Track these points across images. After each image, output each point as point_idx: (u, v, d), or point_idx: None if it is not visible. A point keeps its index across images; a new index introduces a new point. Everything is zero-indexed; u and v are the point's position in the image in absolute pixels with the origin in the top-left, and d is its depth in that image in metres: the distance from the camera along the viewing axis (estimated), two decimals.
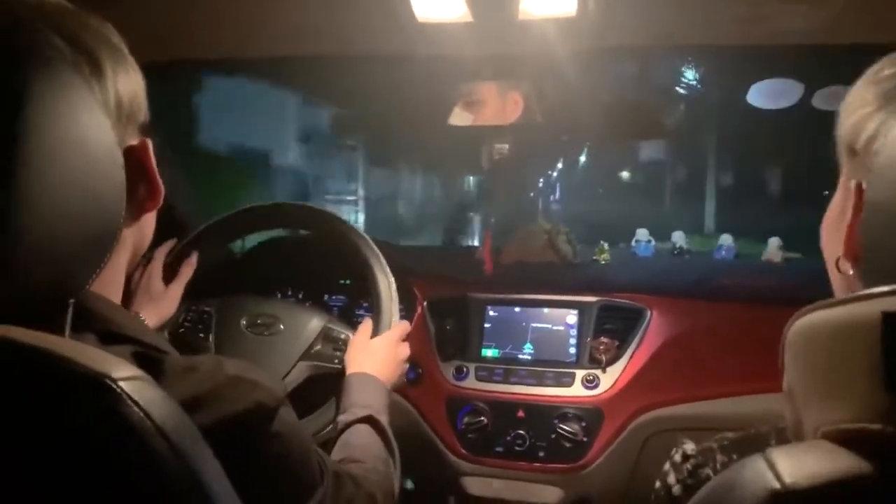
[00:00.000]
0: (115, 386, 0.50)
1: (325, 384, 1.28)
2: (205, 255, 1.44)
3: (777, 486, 0.43)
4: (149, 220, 0.77)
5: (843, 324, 0.44)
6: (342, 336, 1.35)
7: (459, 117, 1.69)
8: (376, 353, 1.25)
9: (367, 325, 1.32)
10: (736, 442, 0.75)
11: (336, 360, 1.32)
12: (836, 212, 0.61)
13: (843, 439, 0.44)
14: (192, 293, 1.45)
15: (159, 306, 1.34)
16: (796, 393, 0.51)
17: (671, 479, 0.75)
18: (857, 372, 0.42)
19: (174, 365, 0.67)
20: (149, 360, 0.65)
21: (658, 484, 0.76)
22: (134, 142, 0.69)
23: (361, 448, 1.04)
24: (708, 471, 0.76)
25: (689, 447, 0.75)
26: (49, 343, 0.52)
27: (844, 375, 0.44)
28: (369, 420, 1.09)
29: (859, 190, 0.54)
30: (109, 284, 0.71)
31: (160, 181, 0.73)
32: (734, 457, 0.76)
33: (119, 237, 0.68)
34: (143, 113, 0.72)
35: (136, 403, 0.51)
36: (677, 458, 0.75)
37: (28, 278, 0.55)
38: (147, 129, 0.77)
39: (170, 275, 1.37)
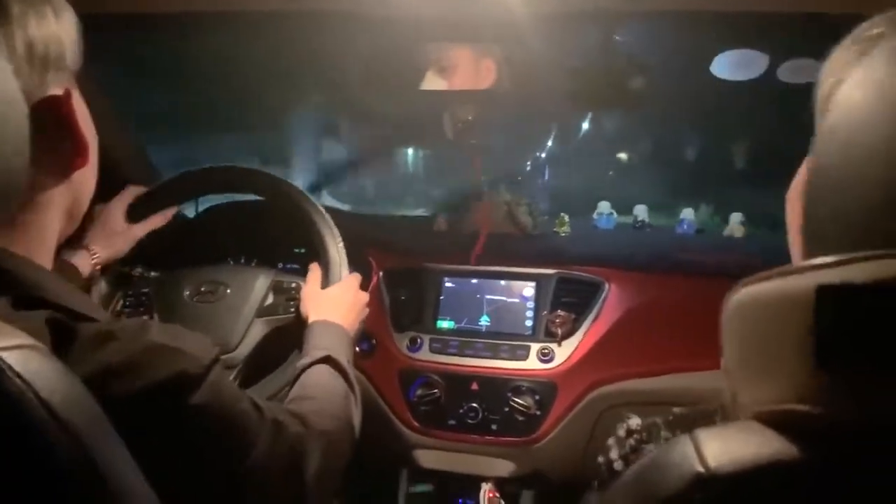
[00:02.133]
0: None
1: (288, 337, 1.25)
2: (157, 208, 1.39)
3: (701, 469, 0.40)
4: (84, 180, 0.73)
5: (777, 298, 0.41)
6: (293, 285, 1.34)
7: (432, 82, 1.64)
8: (335, 300, 1.22)
9: (315, 272, 1.29)
10: (681, 418, 0.73)
11: (291, 310, 1.30)
12: (799, 181, 0.58)
13: (773, 421, 0.41)
14: (142, 258, 1.40)
15: (112, 241, 1.29)
16: (731, 371, 0.48)
17: (613, 453, 0.73)
18: (789, 349, 0.39)
19: (90, 332, 0.63)
20: (62, 328, 0.61)
21: (601, 458, 0.74)
22: (55, 91, 0.64)
23: (315, 386, 1.02)
24: (651, 447, 0.73)
25: (634, 422, 0.73)
26: None
27: (776, 353, 0.41)
28: (327, 360, 1.06)
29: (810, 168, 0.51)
30: (36, 246, 0.67)
31: (86, 136, 0.68)
32: (678, 432, 0.73)
33: (40, 195, 0.66)
34: (69, 58, 0.67)
35: (19, 375, 0.47)
36: (621, 432, 0.73)
37: None
38: (84, 80, 0.72)
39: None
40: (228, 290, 1.32)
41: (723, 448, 0.41)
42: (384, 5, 1.19)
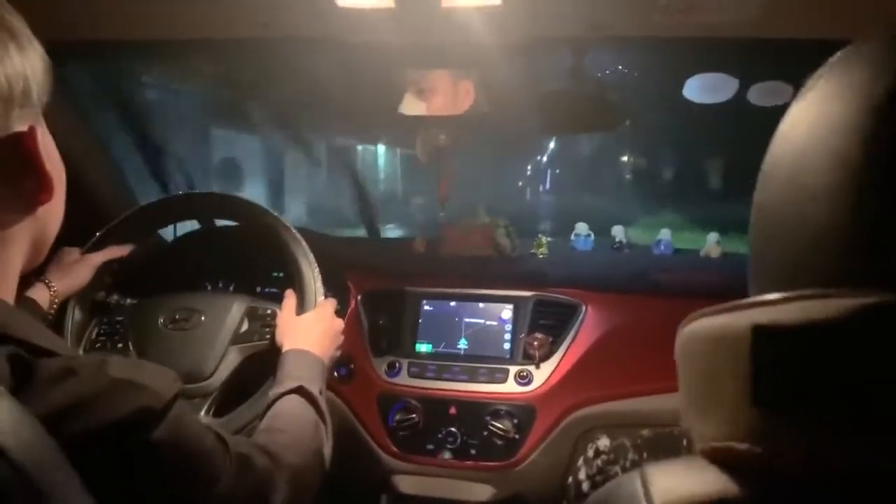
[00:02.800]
0: None
1: (263, 364, 1.24)
2: (129, 242, 1.39)
3: None
4: (49, 214, 0.72)
5: (717, 334, 0.42)
6: (268, 311, 1.33)
7: (411, 106, 1.65)
8: (310, 329, 1.22)
9: (290, 299, 1.29)
10: (649, 440, 0.74)
11: (267, 336, 1.29)
12: None
13: (717, 457, 0.41)
14: (119, 286, 1.39)
15: (68, 272, 1.29)
16: (682, 402, 0.48)
17: (581, 474, 0.74)
18: (728, 386, 0.40)
19: (49, 369, 0.62)
20: (22, 364, 0.60)
21: (570, 479, 0.74)
22: (20, 128, 0.64)
23: (286, 418, 1.01)
24: (617, 468, 0.74)
25: (603, 443, 0.74)
26: None
27: (717, 390, 0.41)
28: (299, 390, 1.06)
29: None
30: (6, 280, 0.66)
31: (52, 172, 0.68)
32: (645, 455, 0.74)
33: (3, 230, 0.65)
34: (34, 95, 0.66)
35: None
36: (590, 453, 0.74)
37: None
38: (53, 115, 0.72)
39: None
40: (203, 318, 1.32)
41: (669, 485, 0.41)
42: (362, 32, 1.20)
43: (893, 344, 0.34)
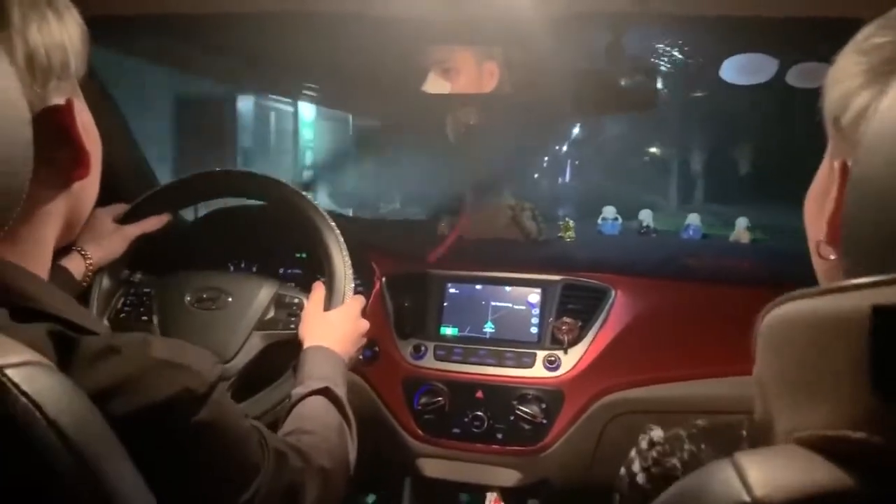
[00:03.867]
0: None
1: (284, 352, 1.24)
2: (162, 215, 1.37)
3: (748, 499, 0.38)
4: (84, 190, 0.71)
5: (825, 317, 0.39)
6: (296, 300, 1.31)
7: (435, 85, 1.63)
8: (334, 327, 1.20)
9: (318, 291, 1.27)
10: (705, 430, 0.71)
11: (292, 326, 1.27)
12: (819, 191, 0.56)
13: (822, 447, 0.39)
14: (141, 264, 1.38)
15: (104, 242, 1.28)
16: (767, 389, 0.46)
17: (636, 466, 0.71)
18: (839, 372, 0.37)
19: (92, 346, 0.61)
20: (64, 340, 0.59)
21: (623, 470, 0.72)
22: (57, 101, 0.63)
23: (314, 419, 1.00)
24: (674, 460, 0.71)
25: (657, 434, 0.71)
26: None
27: (824, 375, 0.39)
28: (324, 392, 1.05)
29: (844, 169, 0.50)
30: (33, 257, 0.65)
31: (90, 147, 0.67)
32: (702, 446, 0.72)
33: (38, 206, 0.64)
34: (72, 66, 0.65)
35: (25, 393, 0.46)
36: (643, 444, 0.71)
37: None
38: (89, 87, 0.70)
39: None
40: (230, 299, 1.30)
41: (769, 475, 0.39)
42: (389, 6, 1.18)
43: None
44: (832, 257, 0.50)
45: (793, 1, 1.12)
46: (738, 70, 1.40)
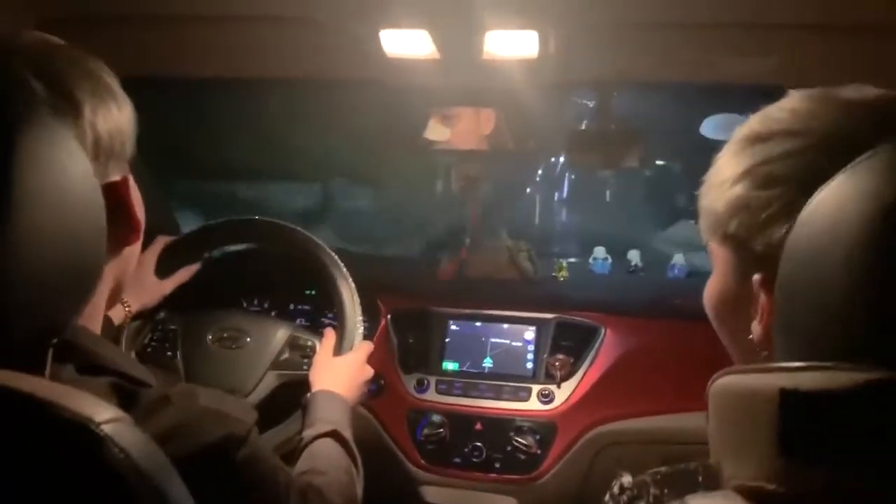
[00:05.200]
0: (97, 430, 0.53)
1: (295, 391, 1.33)
2: (184, 259, 1.49)
3: None
4: (131, 253, 0.79)
5: (750, 391, 0.51)
6: (308, 343, 1.42)
7: (435, 131, 1.74)
8: (342, 373, 1.30)
9: (329, 338, 1.37)
10: (668, 476, 0.82)
11: (304, 367, 1.37)
12: (732, 300, 0.66)
13: (747, 494, 0.50)
14: (166, 302, 1.49)
15: (143, 296, 1.39)
16: (714, 442, 0.57)
17: None
18: (759, 436, 0.49)
19: (148, 397, 0.70)
20: (125, 393, 0.68)
21: None
22: (115, 178, 0.71)
23: (325, 460, 1.10)
24: (642, 503, 0.82)
25: (626, 480, 0.82)
26: (33, 387, 0.55)
27: (749, 437, 0.50)
28: (334, 434, 1.15)
29: (766, 287, 0.59)
30: (90, 316, 0.74)
31: (139, 216, 0.75)
32: (665, 491, 0.83)
33: (101, 274, 0.71)
34: (127, 148, 0.73)
35: (118, 445, 0.54)
36: (615, 489, 0.82)
37: (13, 322, 0.57)
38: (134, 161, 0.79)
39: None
40: (248, 339, 1.41)
41: None
42: (398, 76, 1.30)
43: (889, 409, 0.43)
44: (765, 353, 0.61)
45: (762, 74, 1.25)
46: (717, 127, 1.53)
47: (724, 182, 0.64)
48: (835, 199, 0.50)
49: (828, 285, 0.48)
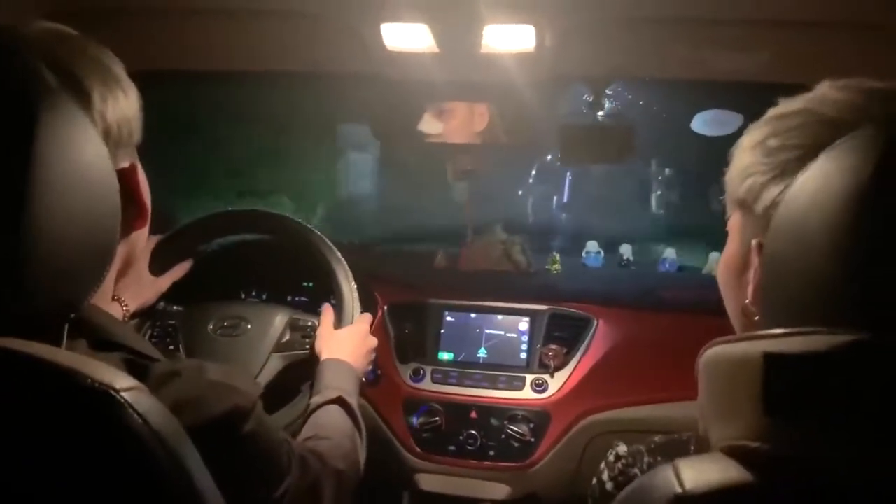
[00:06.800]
0: (118, 396, 0.56)
1: (300, 372, 1.36)
2: (178, 255, 1.51)
3: (679, 490, 0.52)
4: (139, 237, 0.81)
5: (737, 359, 0.54)
6: (308, 323, 1.44)
7: (429, 125, 1.77)
8: (347, 342, 1.33)
9: (328, 313, 1.40)
10: (661, 445, 0.85)
11: (306, 346, 1.40)
12: (735, 263, 0.70)
13: (734, 453, 0.53)
14: (164, 295, 1.51)
15: (142, 294, 1.41)
16: (704, 410, 0.61)
17: (605, 476, 0.85)
18: (745, 399, 0.52)
19: (157, 371, 0.73)
20: (136, 367, 0.71)
21: (594, 480, 0.86)
22: (124, 164, 0.73)
23: (330, 427, 1.12)
24: (636, 470, 0.86)
25: (622, 449, 0.85)
26: (55, 356, 0.58)
27: (737, 401, 0.54)
28: (339, 401, 1.17)
29: (760, 251, 0.63)
30: (100, 294, 0.75)
31: (147, 202, 0.78)
32: (659, 458, 0.86)
33: (115, 254, 0.74)
34: (135, 136, 0.75)
35: (137, 412, 0.57)
36: (611, 458, 0.85)
37: (35, 297, 0.60)
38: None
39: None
40: (249, 326, 1.43)
41: (696, 474, 0.53)
42: (397, 70, 1.33)
43: (866, 371, 0.46)
44: (756, 318, 0.65)
45: (751, 71, 1.28)
46: (707, 123, 1.56)
47: (741, 152, 0.68)
48: (820, 173, 0.54)
49: (809, 254, 0.51)
